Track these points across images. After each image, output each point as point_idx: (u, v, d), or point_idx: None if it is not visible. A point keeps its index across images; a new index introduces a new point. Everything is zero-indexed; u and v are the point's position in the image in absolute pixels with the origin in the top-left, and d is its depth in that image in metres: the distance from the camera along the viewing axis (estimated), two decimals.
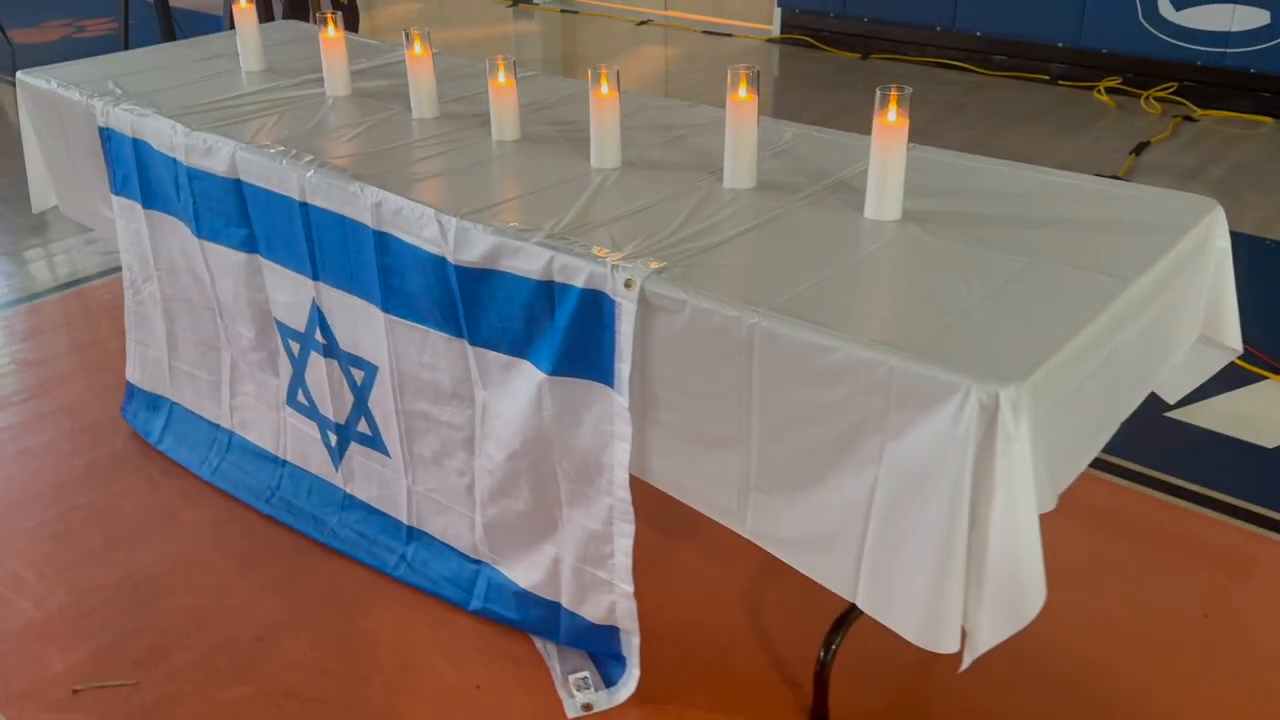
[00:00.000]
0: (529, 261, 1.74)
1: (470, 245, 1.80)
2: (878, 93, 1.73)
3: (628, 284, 1.60)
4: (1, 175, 4.74)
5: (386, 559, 2.28)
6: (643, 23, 7.41)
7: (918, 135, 1.81)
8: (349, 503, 2.37)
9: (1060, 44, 5.64)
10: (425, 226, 1.87)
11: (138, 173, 2.48)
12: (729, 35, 6.95)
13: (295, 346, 2.30)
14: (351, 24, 5.64)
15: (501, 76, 2.19)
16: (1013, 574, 1.35)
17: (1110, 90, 5.46)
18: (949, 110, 5.35)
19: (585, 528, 1.89)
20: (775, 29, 6.80)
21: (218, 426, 2.62)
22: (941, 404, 1.31)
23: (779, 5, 6.72)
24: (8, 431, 2.84)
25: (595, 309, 1.67)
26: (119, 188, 2.57)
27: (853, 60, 6.30)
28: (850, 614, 1.88)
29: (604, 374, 1.71)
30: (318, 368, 2.27)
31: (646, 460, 1.74)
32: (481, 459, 2.01)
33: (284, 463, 2.49)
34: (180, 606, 2.21)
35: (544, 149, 2.18)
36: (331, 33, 2.49)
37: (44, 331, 3.39)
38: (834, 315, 1.46)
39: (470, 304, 1.86)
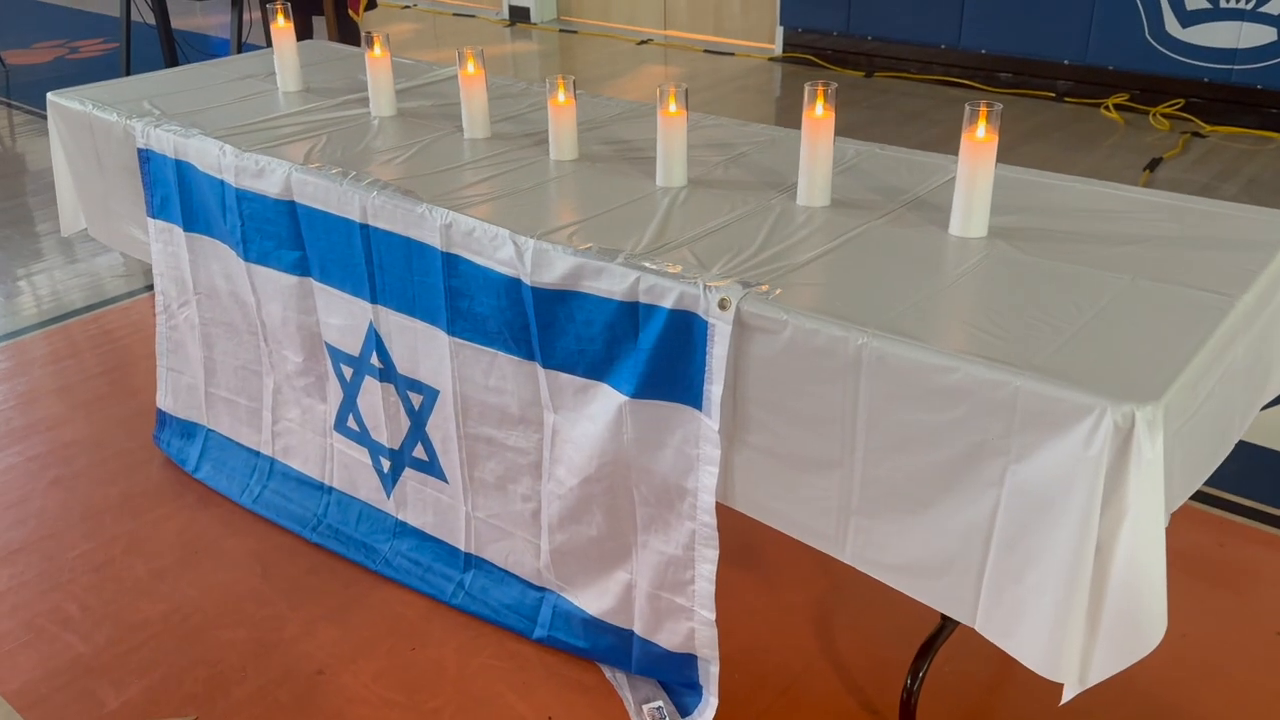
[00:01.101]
0: (612, 282, 1.70)
1: (549, 266, 1.76)
2: (966, 109, 1.72)
3: (722, 304, 1.57)
4: (8, 198, 4.67)
5: (444, 587, 2.23)
6: (643, 42, 7.41)
7: (935, 146, 1.79)
8: (401, 530, 2.32)
9: (1066, 61, 5.67)
10: (499, 248, 1.83)
11: (179, 195, 2.43)
12: (730, 54, 6.95)
13: (348, 371, 2.25)
14: (353, 42, 5.60)
15: (561, 96, 2.15)
16: (1135, 602, 1.32)
17: (1117, 107, 5.49)
18: (958, 129, 5.35)
19: (663, 553, 1.85)
20: (777, 48, 6.81)
21: (258, 453, 2.56)
22: (1072, 425, 1.28)
23: (781, 24, 6.73)
24: (38, 460, 2.77)
25: (684, 330, 1.64)
26: (157, 210, 2.51)
27: (857, 79, 6.30)
28: (935, 641, 1.85)
29: (691, 396, 1.68)
30: (372, 392, 2.22)
31: (732, 484, 1.71)
32: (550, 484, 1.97)
33: (330, 489, 2.44)
34: (233, 639, 2.14)
35: (604, 168, 2.15)
36: (377, 52, 2.45)
37: (65, 357, 3.32)
38: (942, 334, 1.44)
39: (545, 326, 1.82)
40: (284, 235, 2.22)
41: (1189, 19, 5.21)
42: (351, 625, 2.17)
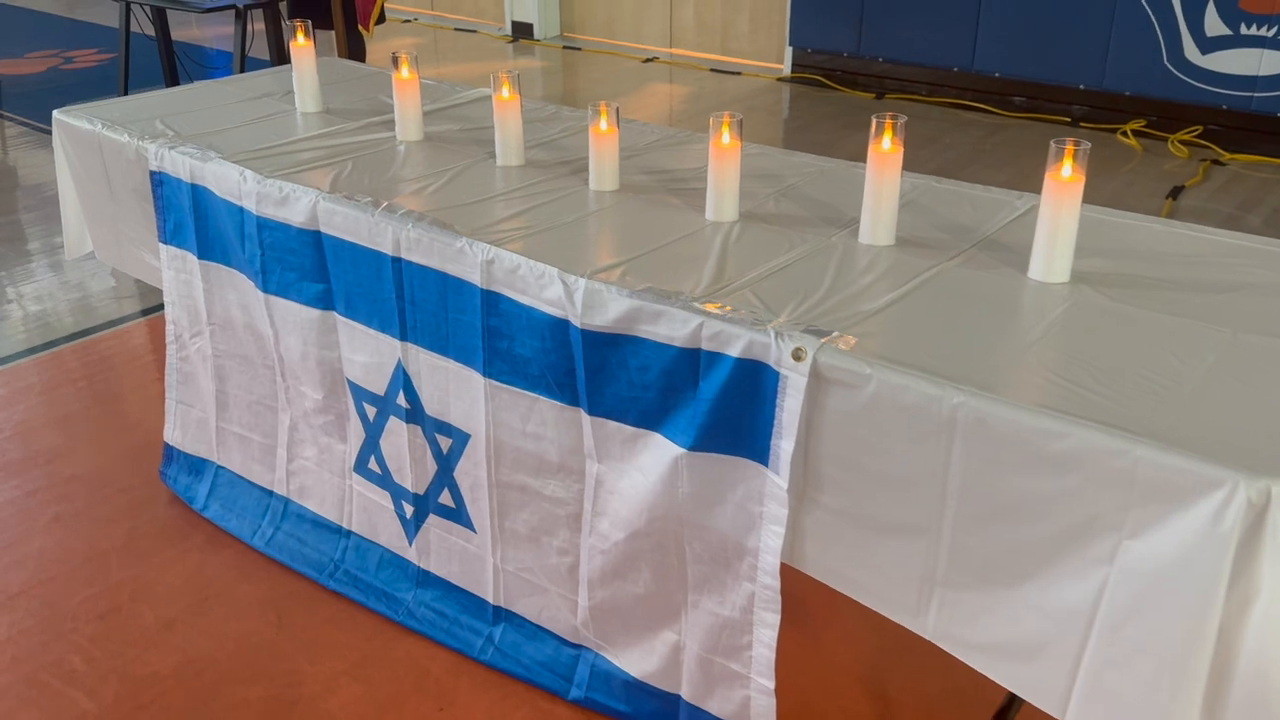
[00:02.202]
0: (672, 327, 1.58)
1: (601, 308, 1.65)
2: (1051, 146, 1.61)
3: (797, 355, 1.45)
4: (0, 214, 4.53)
5: (471, 641, 2.10)
6: (649, 60, 7.32)
7: (950, 176, 1.70)
8: (424, 579, 2.19)
9: (1081, 86, 5.60)
10: (546, 287, 1.72)
11: (194, 221, 2.30)
12: (737, 74, 6.87)
13: (371, 410, 2.13)
14: (359, 57, 5.49)
15: (603, 124, 2.04)
16: (1264, 697, 1.21)
17: (1135, 133, 5.41)
18: (975, 152, 5.28)
19: (717, 615, 1.73)
20: (786, 68, 6.72)
21: (271, 492, 2.43)
22: (1198, 500, 1.17)
23: (790, 44, 6.65)
24: (35, 496, 2.63)
25: (753, 381, 1.52)
26: (169, 236, 2.39)
27: (867, 100, 6.22)
28: (1006, 715, 1.73)
29: (757, 451, 1.56)
30: (397, 434, 2.09)
31: (799, 546, 1.59)
32: (593, 537, 1.85)
33: (348, 533, 2.31)
34: (250, 697, 2.01)
35: (647, 200, 2.04)
36: (405, 74, 2.34)
37: (62, 384, 3.18)
38: (1045, 393, 1.32)
39: (595, 371, 1.70)
40: (307, 266, 2.10)
41: (1209, 45, 5.14)
42: (375, 682, 2.04)
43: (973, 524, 1.37)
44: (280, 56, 5.13)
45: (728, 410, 1.56)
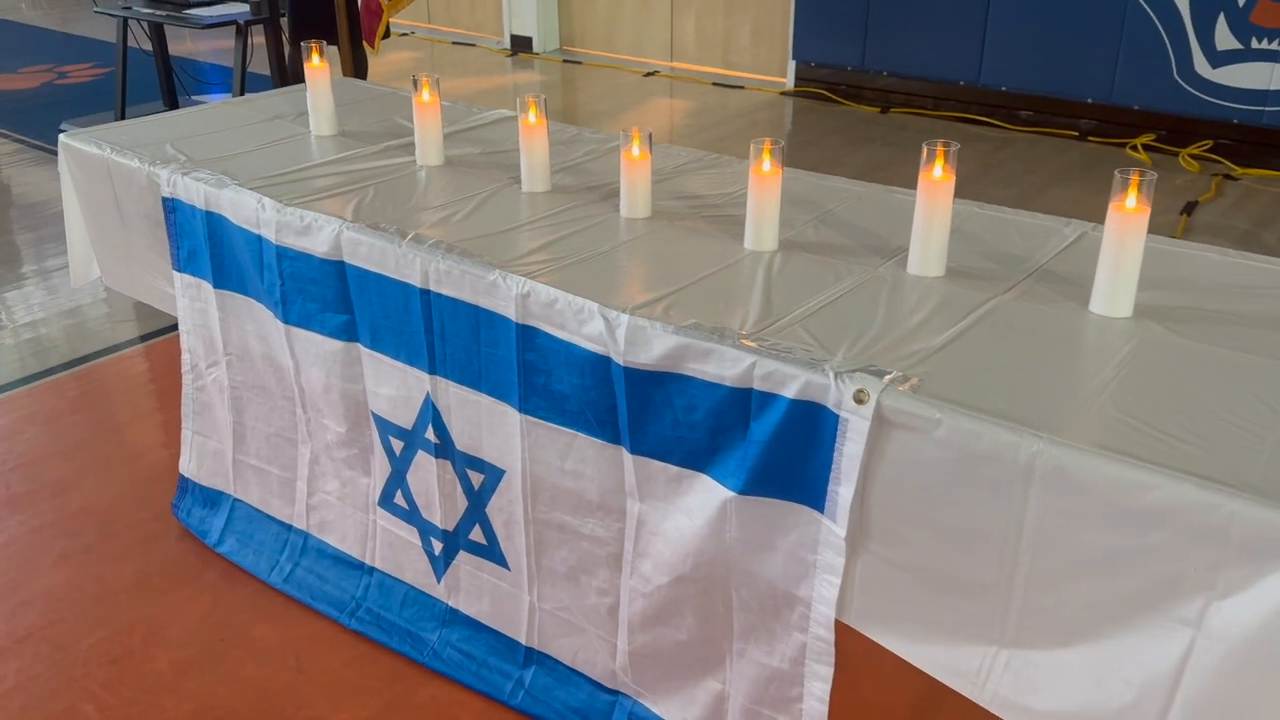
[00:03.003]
0: (722, 366, 1.52)
1: (645, 345, 1.58)
2: (1116, 176, 1.55)
3: (859, 398, 1.39)
4: None
5: (501, 685, 2.03)
6: (650, 74, 7.27)
7: (959, 194, 1.66)
8: (452, 617, 2.12)
9: (1090, 100, 5.56)
10: (586, 322, 1.65)
11: (209, 249, 2.23)
12: (740, 88, 6.82)
13: (397, 444, 2.06)
14: (361, 73, 5.42)
15: (635, 149, 1.98)
16: None
17: (1145, 147, 5.37)
18: (984, 167, 5.23)
19: (765, 665, 1.66)
20: (789, 81, 6.68)
21: (290, 527, 2.35)
22: None
23: (793, 58, 6.60)
24: (40, 533, 2.55)
25: (809, 423, 1.45)
26: (184, 264, 2.32)
27: (872, 114, 6.18)
28: None
29: (812, 497, 1.49)
30: (425, 468, 2.02)
31: (848, 597, 1.52)
32: (634, 580, 1.78)
33: (371, 570, 2.23)
34: None
35: (682, 228, 1.97)
36: (426, 97, 2.27)
37: (63, 414, 3.10)
38: (1126, 440, 1.26)
39: (638, 409, 1.63)
40: (330, 297, 2.03)
41: (1219, 59, 5.11)
42: None
43: (1047, 582, 1.30)
44: (282, 73, 5.06)
45: (781, 453, 1.50)
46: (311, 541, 2.32)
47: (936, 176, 1.70)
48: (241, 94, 4.99)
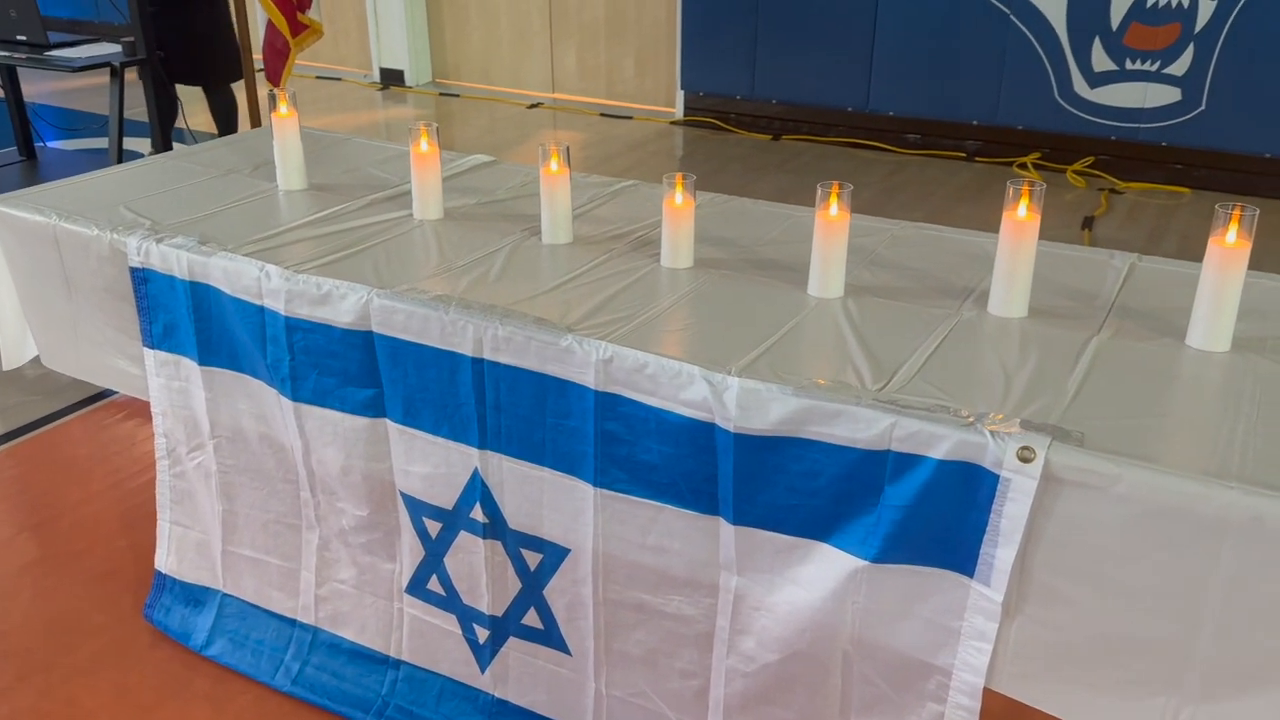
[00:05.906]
0: (855, 428, 1.43)
1: (761, 410, 1.48)
2: (1217, 210, 1.54)
3: (1024, 456, 1.32)
4: None
5: None
6: (534, 105, 7.15)
7: (869, 212, 1.66)
8: (499, 710, 1.95)
9: (975, 122, 5.75)
10: (685, 387, 1.53)
11: (192, 323, 2.01)
12: (629, 118, 6.78)
13: (433, 526, 1.89)
14: (230, 121, 5.09)
15: (679, 197, 1.88)
16: None
17: (1034, 165, 5.58)
18: (886, 190, 5.33)
19: None
20: (678, 111, 6.67)
21: (295, 621, 2.13)
22: None
23: (681, 88, 6.60)
24: None
25: (961, 485, 1.38)
26: (158, 340, 2.08)
27: (765, 142, 6.23)
28: None
29: (959, 560, 1.42)
30: (469, 550, 1.86)
31: (999, 663, 1.45)
32: (732, 659, 1.66)
33: (398, 663, 2.04)
34: None
35: (730, 277, 1.88)
36: (425, 147, 2.11)
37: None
38: None
39: (747, 478, 1.53)
40: (353, 371, 1.84)
41: (1097, 80, 5.36)
42: None
43: (1239, 636, 1.26)
44: (161, 118, 4.72)
45: (925, 518, 1.42)
46: (323, 636, 2.11)
47: (1020, 216, 1.66)
48: (119, 141, 4.62)
